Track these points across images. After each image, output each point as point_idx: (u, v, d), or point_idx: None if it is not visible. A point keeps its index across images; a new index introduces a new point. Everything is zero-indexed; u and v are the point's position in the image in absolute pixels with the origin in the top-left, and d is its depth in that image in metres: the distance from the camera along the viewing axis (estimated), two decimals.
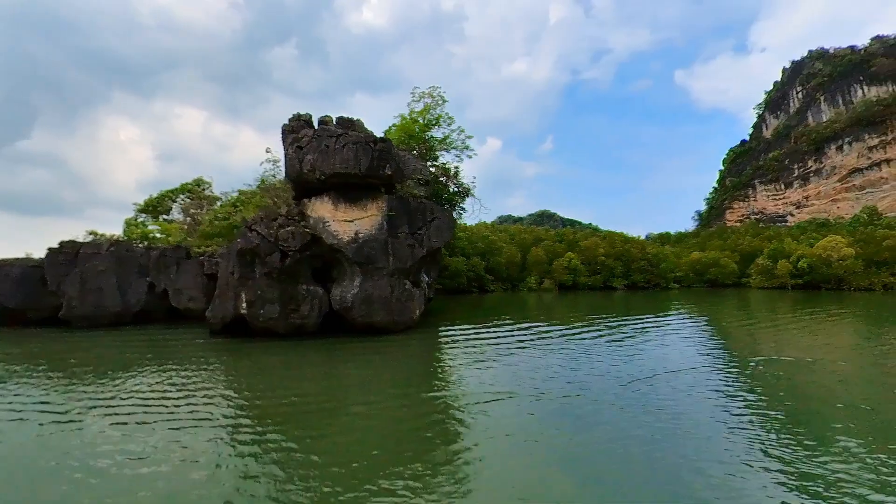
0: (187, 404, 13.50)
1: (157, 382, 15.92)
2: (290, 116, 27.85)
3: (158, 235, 42.32)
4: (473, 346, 23.82)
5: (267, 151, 32.16)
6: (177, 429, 11.47)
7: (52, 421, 12.13)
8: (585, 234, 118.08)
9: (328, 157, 24.20)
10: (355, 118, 29.87)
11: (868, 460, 9.46)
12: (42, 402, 13.82)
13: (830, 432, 11.16)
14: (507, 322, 34.63)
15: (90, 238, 35.09)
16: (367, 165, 24.63)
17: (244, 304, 23.13)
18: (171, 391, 14.92)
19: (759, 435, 10.95)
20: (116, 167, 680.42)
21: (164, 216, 47.34)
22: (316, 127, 28.42)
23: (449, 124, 39.61)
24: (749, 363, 19.72)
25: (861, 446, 10.16)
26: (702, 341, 27.43)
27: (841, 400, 14.23)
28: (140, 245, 35.62)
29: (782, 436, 10.88)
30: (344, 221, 25.12)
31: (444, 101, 39.45)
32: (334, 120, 29.16)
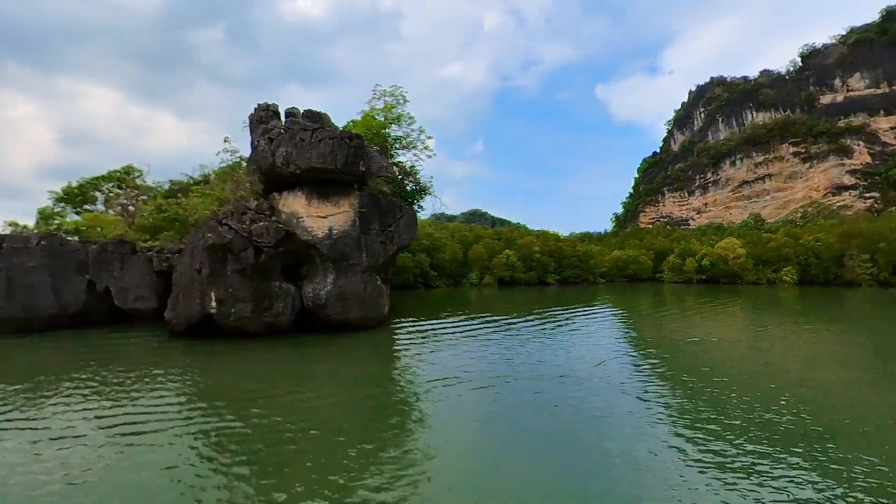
0: (150, 412, 11.80)
1: (118, 392, 13.70)
2: (257, 106, 25.70)
3: (82, 228, 37.23)
4: (435, 338, 24.72)
5: (225, 141, 29.49)
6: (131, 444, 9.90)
7: None
8: (521, 232, 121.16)
9: (303, 151, 22.44)
10: (322, 112, 28.17)
11: (743, 407, 12.84)
12: None
13: (725, 390, 14.63)
14: (461, 315, 35.15)
15: (9, 230, 30.29)
16: (342, 161, 23.19)
17: (213, 303, 20.76)
18: (134, 400, 12.98)
19: (671, 393, 14.64)
20: (9, 149, 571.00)
21: (87, 206, 41.77)
22: (283, 118, 26.44)
23: (409, 124, 38.42)
24: (662, 343, 23.60)
25: (744, 403, 13.16)
26: (624, 326, 31.87)
27: (732, 367, 18.54)
28: (74, 239, 31.16)
29: (689, 393, 14.30)
30: (317, 217, 23.48)
31: (406, 101, 38.25)
32: (302, 112, 27.28)
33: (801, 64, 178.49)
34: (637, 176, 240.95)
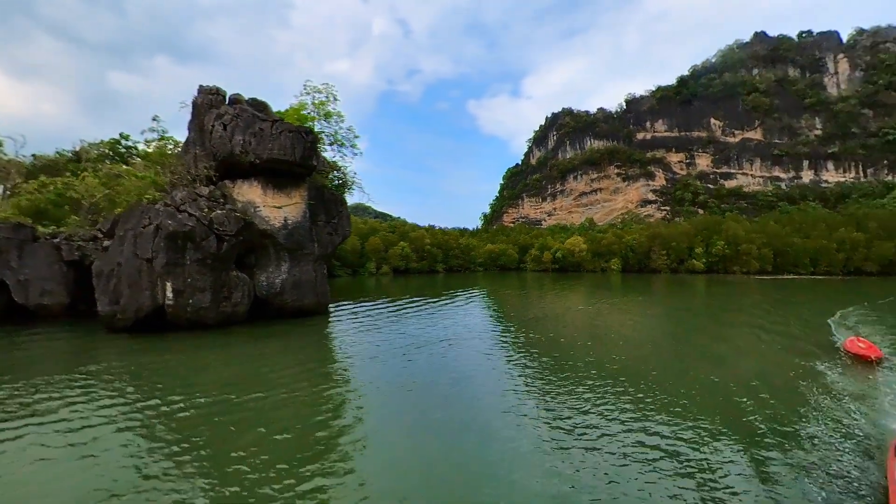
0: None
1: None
2: (203, 88, 22.48)
3: None
4: (370, 318, 25.65)
5: (154, 120, 25.24)
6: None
7: None
8: (412, 226, 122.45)
9: (263, 141, 20.47)
10: (265, 101, 25.72)
11: (583, 355, 16.21)
12: None
13: (570, 344, 18.50)
14: (381, 300, 36.31)
15: None
16: (300, 154, 21.79)
17: (170, 294, 17.87)
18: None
19: (529, 351, 17.26)
20: None
21: None
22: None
23: (339, 121, 36.80)
24: (524, 318, 26.82)
25: (584, 353, 16.73)
26: (496, 305, 36.06)
27: (575, 328, 23.09)
28: None
29: (543, 359, 16.33)
30: (273, 207, 21.70)
31: (336, 99, 36.49)
32: (246, 99, 24.60)
33: (625, 107, 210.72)
34: (502, 182, 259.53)
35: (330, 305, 27.78)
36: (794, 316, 27.33)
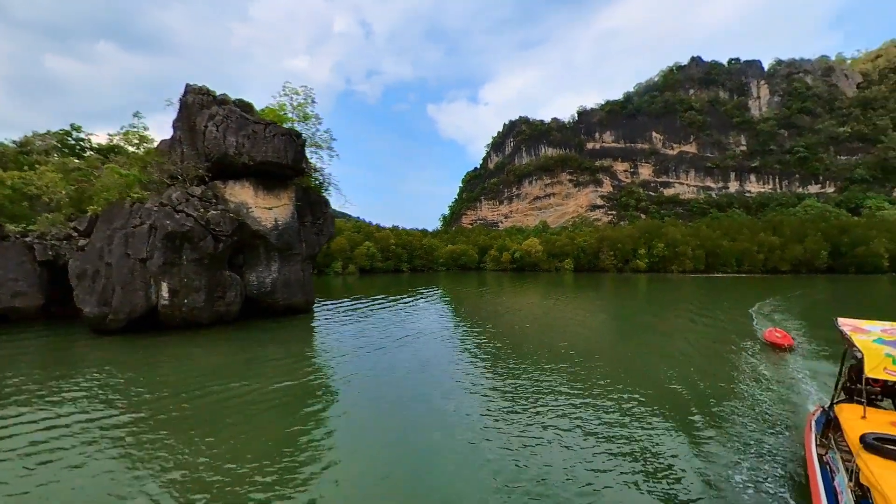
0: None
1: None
2: (191, 87, 22.09)
3: None
4: (350, 314, 26.52)
5: (136, 116, 24.53)
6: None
7: None
8: (376, 227, 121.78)
9: (258, 144, 20.60)
10: (250, 102, 25.64)
11: (536, 343, 17.96)
12: None
13: (524, 335, 20.27)
14: (356, 298, 36.83)
15: None
16: (292, 157, 22.11)
17: (165, 294, 17.59)
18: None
19: (489, 341, 18.65)
20: None
21: None
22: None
23: (318, 124, 36.82)
24: (486, 313, 28.26)
25: (538, 341, 18.60)
26: (460, 302, 37.48)
27: (532, 321, 25.09)
28: None
29: (501, 338, 18.36)
30: (264, 208, 21.80)
31: (314, 101, 36.44)
32: (233, 100, 24.48)
33: (577, 118, 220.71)
34: (461, 185, 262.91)
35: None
36: (722, 309, 30.78)
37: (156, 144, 26.25)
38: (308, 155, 37.57)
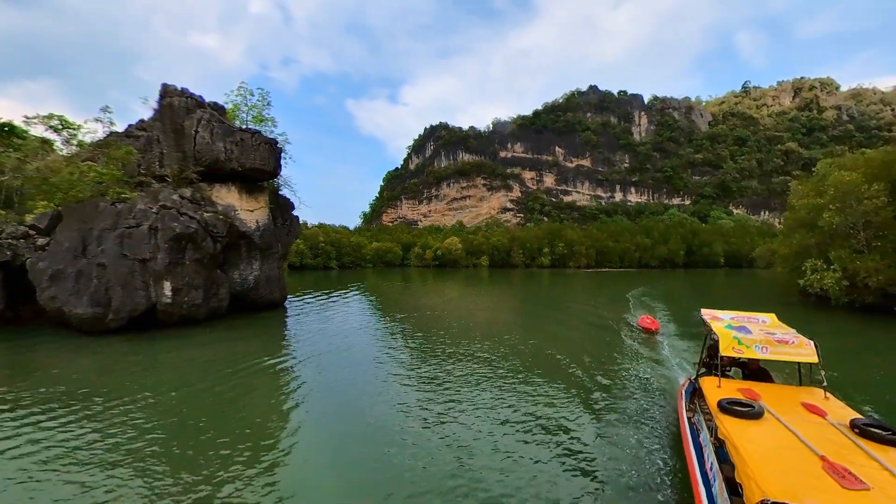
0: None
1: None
2: (172, 90, 22.22)
3: None
4: (308, 309, 27.22)
5: (105, 111, 23.83)
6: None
7: None
8: (304, 224, 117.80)
9: (246, 151, 21.87)
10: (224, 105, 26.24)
11: (453, 330, 19.80)
12: None
13: (443, 323, 22.36)
14: (306, 294, 37.11)
15: None
16: (273, 164, 23.63)
17: (168, 293, 18.06)
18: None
19: (415, 331, 20.09)
20: None
21: None
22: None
23: (273, 127, 37.41)
24: (413, 305, 30.14)
25: (454, 327, 21.06)
26: (390, 295, 39.12)
27: (449, 311, 27.18)
28: None
29: (425, 328, 20.48)
30: (247, 210, 23.04)
31: (269, 105, 36.89)
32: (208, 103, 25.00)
33: (491, 128, 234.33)
34: (382, 184, 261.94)
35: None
36: (606, 297, 37.72)
37: (99, 137, 24.96)
38: None
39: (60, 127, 28.41)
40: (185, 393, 11.13)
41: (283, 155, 25.79)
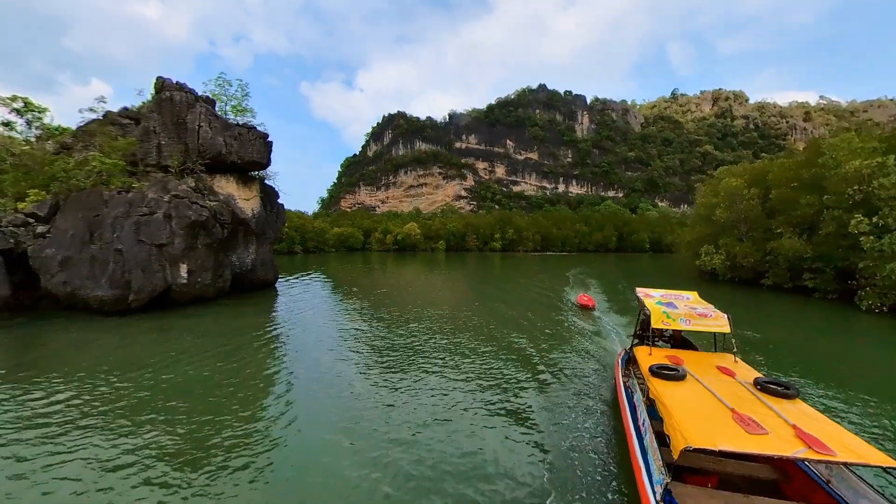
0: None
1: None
2: (170, 84, 23.02)
3: None
4: (294, 289, 29.20)
5: (101, 101, 24.16)
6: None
7: None
8: None
9: (245, 145, 23.49)
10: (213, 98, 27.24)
11: (415, 310, 23.39)
12: None
13: (394, 306, 24.42)
14: (287, 276, 38.81)
15: None
16: (266, 157, 25.34)
17: (184, 274, 19.62)
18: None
19: (366, 309, 21.49)
20: None
21: None
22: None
23: (252, 118, 37.95)
24: (377, 286, 32.19)
25: (415, 309, 25.05)
26: (346, 281, 37.87)
27: (409, 292, 29.01)
28: None
29: (382, 307, 23.27)
30: (244, 200, 24.72)
31: (248, 95, 37.32)
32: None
33: (448, 120, 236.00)
34: (340, 170, 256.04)
35: None
36: (548, 277, 41.88)
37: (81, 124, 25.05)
38: None
39: (24, 109, 27.90)
40: (219, 351, 13.57)
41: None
